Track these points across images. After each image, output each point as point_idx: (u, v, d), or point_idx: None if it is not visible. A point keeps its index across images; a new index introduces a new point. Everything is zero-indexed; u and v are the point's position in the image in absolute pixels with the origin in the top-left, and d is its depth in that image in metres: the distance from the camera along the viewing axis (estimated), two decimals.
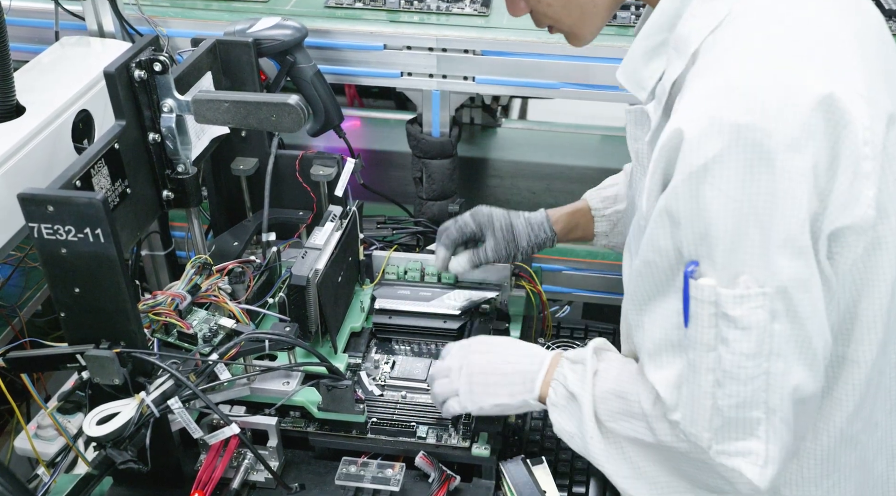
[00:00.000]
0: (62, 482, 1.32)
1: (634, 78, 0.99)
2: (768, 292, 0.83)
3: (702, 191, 0.82)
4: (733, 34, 0.87)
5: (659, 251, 0.88)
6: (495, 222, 1.41)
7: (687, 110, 0.84)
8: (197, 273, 1.41)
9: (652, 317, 0.94)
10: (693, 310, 0.86)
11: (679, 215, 0.84)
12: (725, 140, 0.80)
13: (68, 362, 1.17)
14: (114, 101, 1.29)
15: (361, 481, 1.27)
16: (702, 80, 0.85)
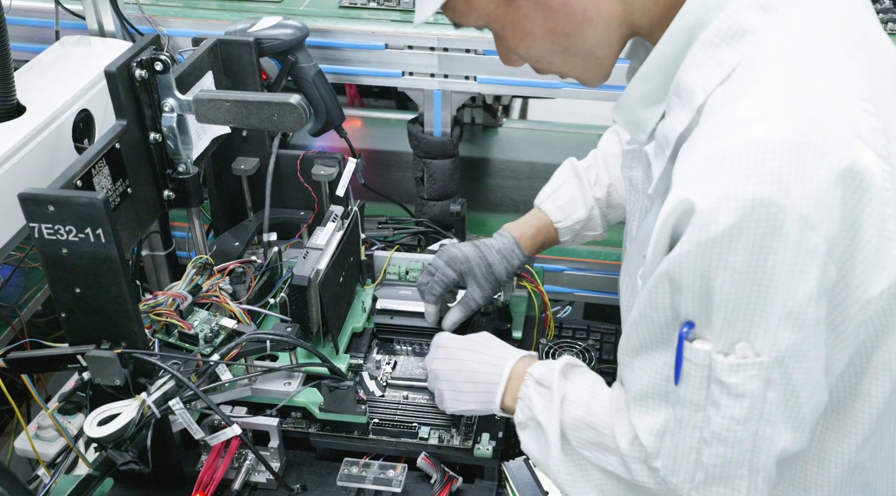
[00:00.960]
0: (63, 483, 1.31)
1: (632, 120, 0.96)
2: (765, 362, 0.82)
3: (707, 263, 0.80)
4: (744, 92, 0.82)
5: (656, 308, 0.87)
6: (475, 269, 1.40)
7: (697, 179, 0.80)
8: (198, 273, 1.41)
9: (643, 365, 0.93)
10: (685, 369, 0.86)
11: (681, 282, 0.82)
12: (738, 215, 0.77)
13: (69, 363, 1.17)
14: (115, 100, 1.28)
15: (363, 482, 1.26)
16: (712, 142, 0.81)
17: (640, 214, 1.10)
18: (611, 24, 0.93)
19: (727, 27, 0.85)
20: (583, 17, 0.92)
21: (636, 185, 1.08)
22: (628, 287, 1.14)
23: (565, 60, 0.98)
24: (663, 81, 0.91)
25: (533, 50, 0.97)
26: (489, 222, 2.07)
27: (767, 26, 0.84)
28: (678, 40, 0.88)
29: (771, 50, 0.83)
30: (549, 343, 1.52)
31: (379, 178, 2.12)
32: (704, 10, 0.86)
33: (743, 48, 0.84)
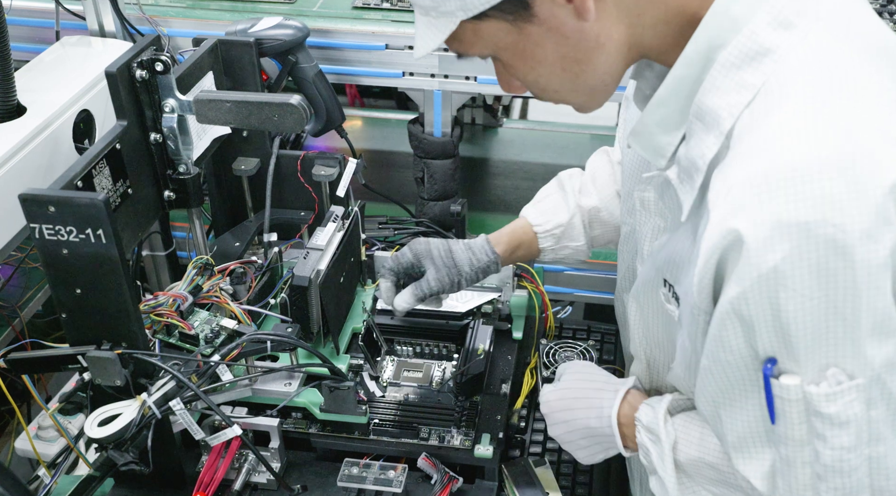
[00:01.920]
0: (63, 483, 1.31)
1: (651, 146, 0.94)
2: (862, 383, 0.79)
3: (775, 294, 0.77)
4: (774, 113, 0.80)
5: (730, 351, 0.83)
6: (433, 251, 1.33)
7: (742, 208, 0.77)
8: (198, 274, 1.41)
9: (731, 413, 0.89)
10: (779, 407, 0.82)
11: (752, 319, 0.79)
12: (794, 240, 0.74)
13: (70, 363, 1.17)
14: (115, 100, 1.28)
15: (364, 482, 1.26)
16: (750, 168, 0.78)
17: (652, 233, 1.07)
18: (621, 50, 0.91)
19: (747, 48, 0.83)
20: (595, 42, 0.89)
21: (647, 206, 1.05)
22: (644, 308, 1.11)
23: (573, 89, 0.95)
24: (681, 105, 0.89)
25: (543, 78, 0.94)
26: (489, 222, 2.07)
27: (789, 44, 0.82)
28: (694, 63, 0.87)
29: (795, 67, 0.81)
30: (550, 343, 1.52)
31: (379, 179, 2.12)
32: (720, 31, 0.84)
33: (766, 68, 0.82)
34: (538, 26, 0.88)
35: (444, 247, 1.34)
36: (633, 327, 1.15)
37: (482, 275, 1.35)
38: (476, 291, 1.54)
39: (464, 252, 1.34)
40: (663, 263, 1.00)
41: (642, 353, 1.16)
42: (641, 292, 1.11)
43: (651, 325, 1.12)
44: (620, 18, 0.88)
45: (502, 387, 1.42)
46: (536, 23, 0.87)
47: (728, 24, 0.84)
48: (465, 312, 1.50)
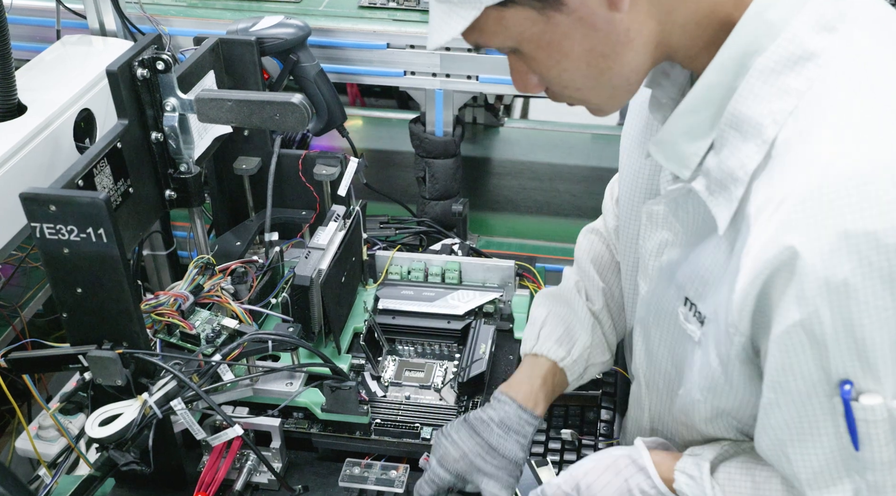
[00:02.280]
0: (64, 483, 1.31)
1: (675, 155, 0.90)
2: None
3: (847, 309, 0.73)
4: (824, 121, 0.76)
5: (800, 377, 0.79)
6: (475, 460, 1.13)
7: (797, 223, 0.74)
8: (200, 273, 1.40)
9: (802, 448, 0.83)
10: (863, 431, 0.78)
11: (826, 338, 0.75)
12: (863, 251, 0.71)
13: (70, 363, 1.16)
14: (116, 99, 1.28)
15: (365, 482, 1.26)
16: (802, 180, 0.74)
17: (657, 248, 1.03)
18: (648, 47, 0.87)
19: (789, 52, 0.80)
20: (625, 36, 0.84)
21: (654, 219, 1.01)
22: (650, 329, 1.07)
23: (596, 85, 0.90)
24: (711, 113, 0.85)
25: (566, 73, 0.88)
26: (490, 222, 2.07)
27: (832, 48, 0.79)
28: (728, 69, 0.83)
29: (841, 71, 0.78)
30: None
31: (380, 178, 2.11)
32: (755, 36, 0.81)
33: (810, 72, 0.79)
34: (567, 15, 0.83)
35: (483, 447, 1.13)
36: (636, 349, 1.11)
37: (531, 447, 1.18)
38: (478, 291, 1.54)
39: (505, 439, 1.13)
40: (686, 280, 0.96)
41: (641, 376, 1.13)
42: (649, 313, 1.06)
43: (655, 348, 1.07)
44: (652, 14, 0.84)
45: None
46: (566, 11, 0.82)
47: (764, 28, 0.81)
48: (466, 312, 1.50)
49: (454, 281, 1.57)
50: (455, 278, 1.57)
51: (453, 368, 1.43)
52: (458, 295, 1.53)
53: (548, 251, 1.97)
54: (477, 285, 1.57)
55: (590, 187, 2.19)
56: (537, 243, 2.00)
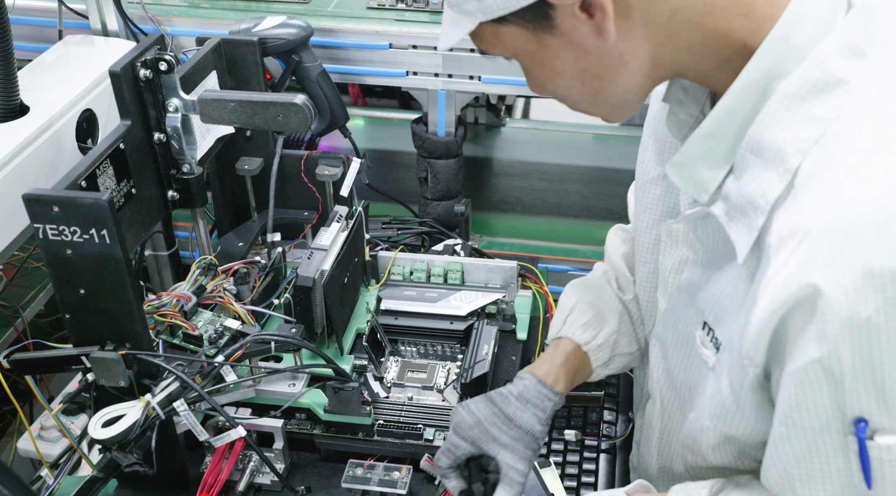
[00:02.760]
0: (66, 484, 1.31)
1: (693, 179, 0.88)
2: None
3: (868, 349, 0.72)
4: (851, 152, 0.73)
5: (814, 414, 0.77)
6: (491, 429, 1.11)
7: (822, 258, 0.72)
8: (202, 274, 1.40)
9: (809, 484, 0.82)
10: (877, 470, 0.76)
11: (843, 376, 0.74)
12: (889, 291, 0.69)
13: (73, 364, 1.16)
14: (119, 100, 1.28)
15: (368, 484, 1.26)
16: (826, 213, 0.72)
17: (677, 266, 1.01)
18: (645, 68, 0.86)
19: (815, 77, 0.77)
20: (619, 60, 0.84)
21: (675, 237, 0.99)
22: (668, 348, 1.05)
23: (593, 102, 0.91)
24: (731, 137, 0.83)
25: (561, 89, 0.90)
26: (493, 222, 2.07)
27: (861, 73, 0.76)
28: (749, 93, 0.81)
29: (871, 100, 0.75)
30: None
31: (382, 179, 2.11)
32: (778, 59, 0.79)
33: (838, 100, 0.76)
34: (558, 38, 0.84)
35: (500, 417, 1.11)
36: (654, 366, 1.09)
37: (550, 422, 1.15)
38: (480, 292, 1.54)
39: (524, 411, 1.11)
40: (705, 304, 0.94)
41: (657, 394, 1.11)
42: (667, 331, 1.05)
43: (674, 367, 1.05)
44: (649, 37, 0.83)
45: None
46: (556, 34, 0.84)
47: (788, 52, 0.78)
48: (469, 313, 1.50)
49: (456, 281, 1.57)
50: (457, 279, 1.56)
51: (456, 369, 1.43)
52: (460, 295, 1.53)
53: (550, 251, 1.97)
54: (479, 286, 1.56)
55: (592, 187, 2.19)
56: (540, 244, 2.00)
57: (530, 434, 1.11)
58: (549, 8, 0.81)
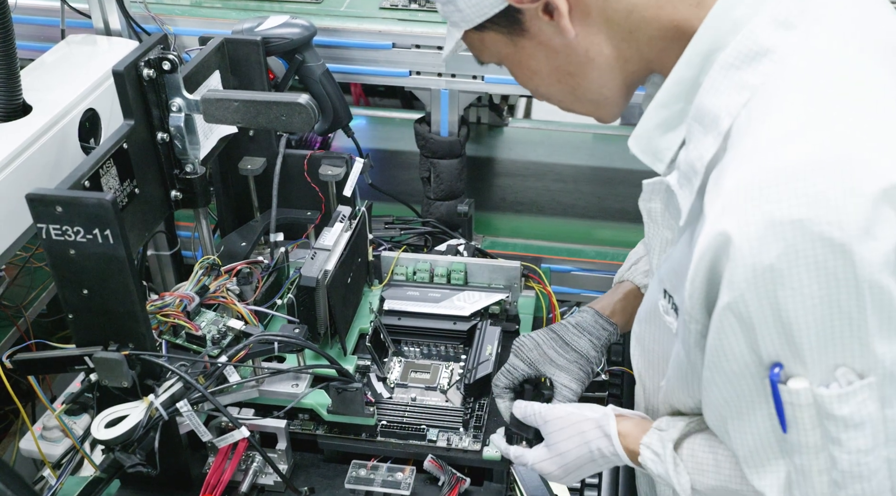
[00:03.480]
0: (69, 485, 1.31)
1: (650, 149, 0.93)
2: (874, 381, 0.76)
3: (773, 293, 0.75)
4: (771, 112, 0.78)
5: (732, 359, 0.81)
6: (549, 352, 1.21)
7: (732, 208, 0.76)
8: (205, 274, 1.40)
9: (739, 426, 0.85)
10: (790, 414, 0.79)
11: (752, 320, 0.77)
12: (789, 238, 0.73)
13: (76, 364, 1.16)
14: (122, 100, 1.27)
15: (371, 485, 1.25)
16: (742, 168, 0.77)
17: (661, 247, 1.05)
18: (613, 64, 0.93)
19: (746, 48, 0.82)
20: (585, 56, 0.92)
21: (654, 217, 1.03)
22: (642, 324, 1.08)
23: (574, 100, 0.99)
24: (681, 107, 0.89)
25: (542, 88, 0.99)
26: (496, 222, 2.07)
27: (789, 44, 0.81)
28: (694, 65, 0.86)
29: (795, 67, 0.80)
30: None
31: (385, 178, 2.11)
32: (720, 33, 0.84)
33: (765, 68, 0.81)
34: (530, 40, 0.93)
35: (558, 342, 1.22)
36: (633, 346, 1.12)
37: (605, 351, 1.25)
38: (483, 292, 1.53)
39: (581, 338, 1.22)
40: (665, 274, 0.98)
41: (637, 374, 1.14)
42: (642, 309, 1.09)
43: (647, 343, 1.08)
44: (610, 34, 0.90)
45: None
46: (528, 37, 0.92)
47: (728, 25, 0.84)
48: (472, 313, 1.50)
49: (460, 282, 1.56)
50: (461, 279, 1.56)
51: (459, 370, 1.43)
52: (463, 296, 1.53)
53: (553, 251, 1.96)
54: (482, 286, 1.56)
55: (595, 187, 2.19)
56: (543, 243, 1.99)
57: (585, 358, 1.21)
58: (517, 13, 0.90)
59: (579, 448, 1.09)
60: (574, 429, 1.10)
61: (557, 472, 1.12)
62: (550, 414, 1.13)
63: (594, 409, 1.12)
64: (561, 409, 1.13)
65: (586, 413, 1.11)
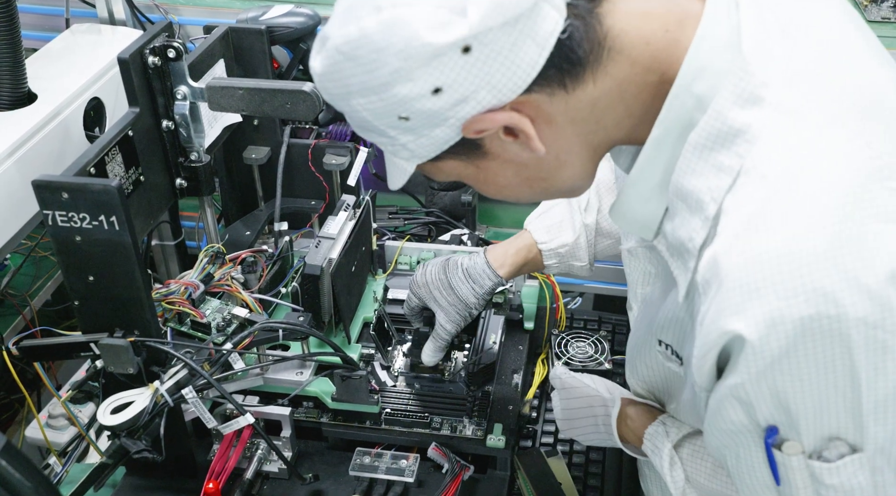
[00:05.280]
0: (75, 471, 1.31)
1: (636, 222, 0.92)
2: (866, 455, 0.78)
3: (773, 383, 0.76)
4: (756, 203, 0.76)
5: (730, 422, 0.82)
6: (433, 292, 1.32)
7: (735, 307, 0.75)
8: (210, 262, 1.40)
9: (737, 467, 0.86)
10: (783, 474, 0.81)
11: (751, 400, 0.78)
12: (790, 337, 0.73)
13: (82, 351, 1.16)
14: (127, 87, 1.28)
15: (375, 472, 1.26)
16: (735, 261, 0.75)
17: (643, 279, 1.06)
18: (585, 157, 0.89)
19: (716, 129, 0.79)
20: (556, 161, 0.87)
21: (635, 254, 1.05)
22: (636, 361, 1.10)
23: (548, 196, 1.02)
24: (657, 181, 0.87)
25: (512, 196, 0.93)
26: (499, 213, 2.07)
27: (760, 122, 0.77)
28: (664, 144, 0.84)
29: (770, 148, 0.77)
30: (561, 333, 1.52)
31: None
32: (685, 109, 0.81)
33: (740, 148, 0.78)
34: (493, 160, 0.87)
35: (444, 283, 1.32)
36: (629, 375, 1.13)
37: (489, 298, 1.33)
38: None
39: (464, 283, 1.31)
40: (659, 326, 0.99)
41: (639, 389, 1.15)
42: (632, 342, 1.10)
43: (641, 372, 1.10)
44: (577, 132, 0.85)
45: (514, 378, 1.41)
46: (491, 158, 0.86)
47: (692, 102, 0.81)
48: None
49: None
50: None
51: (463, 358, 1.43)
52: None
53: None
54: None
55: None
56: None
57: (464, 303, 1.31)
58: (475, 139, 0.83)
59: (587, 419, 1.18)
60: (585, 402, 1.18)
61: (569, 432, 1.22)
62: (569, 382, 1.22)
63: (610, 389, 1.18)
64: (578, 380, 1.21)
65: (600, 389, 1.17)
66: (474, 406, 1.34)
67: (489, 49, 0.76)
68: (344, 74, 0.80)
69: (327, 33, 0.80)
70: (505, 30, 0.75)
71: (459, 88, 0.77)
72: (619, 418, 1.12)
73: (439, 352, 1.35)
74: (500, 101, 0.79)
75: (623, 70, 0.81)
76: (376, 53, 0.77)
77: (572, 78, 0.80)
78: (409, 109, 0.80)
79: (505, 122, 0.81)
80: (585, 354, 1.48)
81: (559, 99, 0.81)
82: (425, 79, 0.77)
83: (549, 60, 0.78)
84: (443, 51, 0.75)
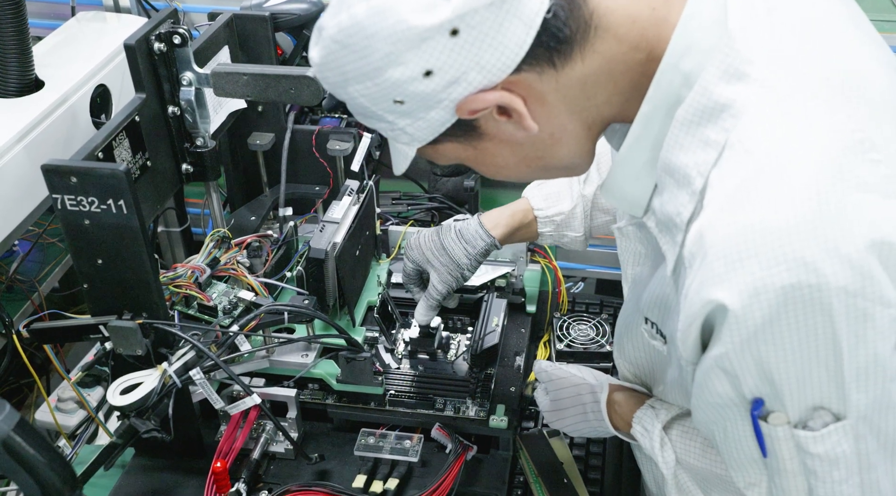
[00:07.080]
0: (84, 453, 1.33)
1: (625, 198, 0.94)
2: (849, 423, 0.80)
3: (756, 352, 0.78)
4: (740, 176, 0.78)
5: (717, 395, 0.84)
6: (426, 253, 1.33)
7: (717, 277, 0.77)
8: (216, 246, 1.42)
9: (725, 441, 0.89)
10: (770, 445, 0.83)
11: (736, 373, 0.80)
12: (772, 306, 0.75)
13: (91, 333, 1.18)
14: (134, 73, 1.29)
15: (380, 452, 1.28)
16: (721, 234, 0.77)
17: (634, 259, 1.08)
18: (580, 134, 0.90)
19: (702, 104, 0.81)
20: (551, 139, 0.89)
21: (626, 234, 1.06)
22: (623, 338, 1.12)
23: (546, 175, 0.99)
24: (646, 159, 0.88)
25: (511, 176, 0.95)
26: (502, 198, 2.07)
27: (744, 97, 0.79)
28: (652, 121, 0.85)
29: (755, 122, 0.78)
30: (563, 317, 1.53)
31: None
32: (673, 87, 0.83)
33: (726, 123, 0.80)
34: (489, 141, 0.89)
35: (436, 244, 1.33)
36: (616, 356, 1.15)
37: (482, 259, 1.34)
38: (490, 265, 1.55)
39: (456, 244, 1.32)
40: (646, 304, 1.00)
41: (623, 378, 1.17)
42: (621, 322, 1.12)
43: (629, 354, 1.11)
44: (570, 110, 0.86)
45: (516, 360, 1.43)
46: (487, 139, 0.88)
47: (679, 79, 0.82)
48: (479, 286, 1.51)
49: None
50: None
51: (466, 341, 1.45)
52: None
53: None
54: (489, 260, 1.57)
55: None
56: None
57: (456, 264, 1.32)
58: (471, 120, 0.85)
59: (575, 407, 1.17)
60: (573, 391, 1.18)
61: (557, 424, 1.21)
62: (556, 374, 1.20)
63: (596, 376, 1.18)
64: (564, 371, 1.19)
65: (587, 377, 1.17)
66: (477, 387, 1.35)
67: (476, 30, 0.77)
68: (340, 62, 0.82)
69: (322, 24, 0.82)
70: (491, 10, 0.77)
71: (450, 70, 0.79)
72: (608, 404, 1.13)
73: (431, 312, 1.36)
74: (490, 82, 0.81)
75: (610, 48, 0.82)
76: (367, 39, 0.78)
77: (560, 56, 0.81)
78: (403, 93, 0.81)
79: (497, 102, 0.82)
80: (587, 337, 1.50)
81: (549, 77, 0.82)
82: (416, 62, 0.79)
83: (537, 39, 0.79)
84: (430, 33, 0.77)
